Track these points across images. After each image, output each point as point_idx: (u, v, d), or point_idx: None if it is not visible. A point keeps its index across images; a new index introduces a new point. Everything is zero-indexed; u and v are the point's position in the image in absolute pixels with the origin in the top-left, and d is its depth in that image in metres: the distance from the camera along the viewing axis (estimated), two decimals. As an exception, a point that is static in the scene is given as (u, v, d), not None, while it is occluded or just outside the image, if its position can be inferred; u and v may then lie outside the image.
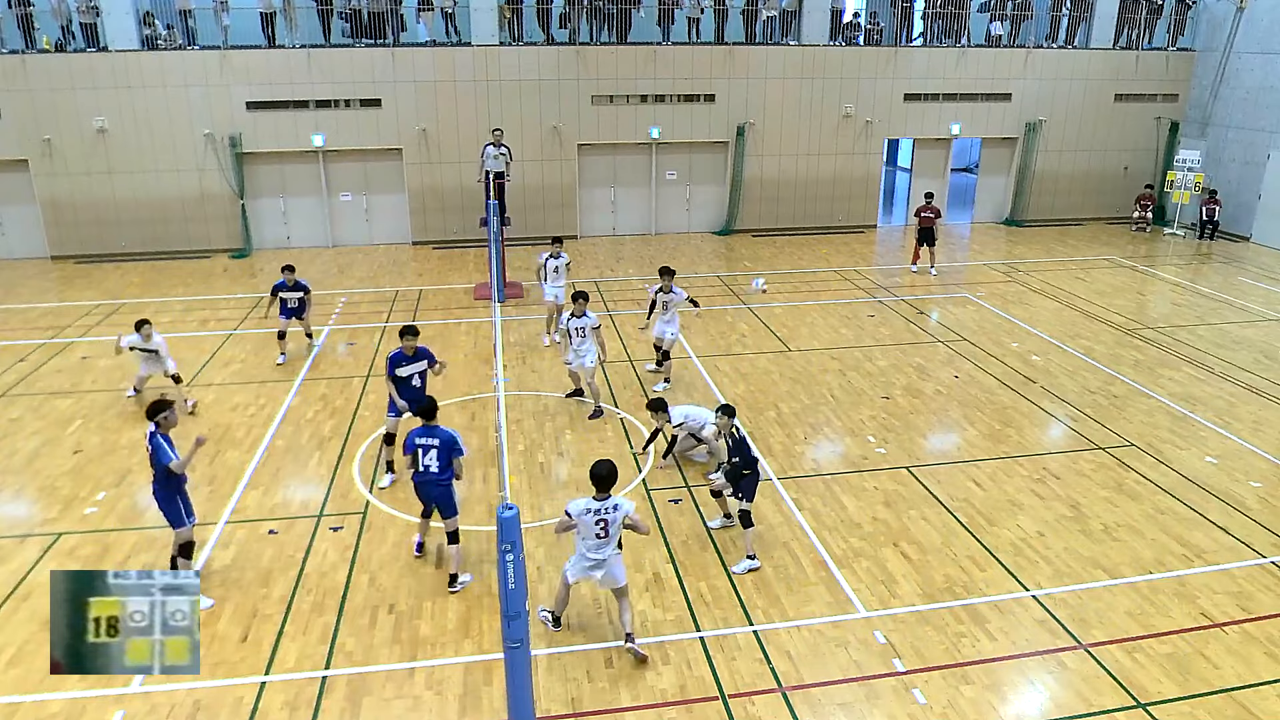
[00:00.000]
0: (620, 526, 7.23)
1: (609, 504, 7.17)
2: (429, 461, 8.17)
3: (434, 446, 8.15)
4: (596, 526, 7.15)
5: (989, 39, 23.71)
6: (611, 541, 7.22)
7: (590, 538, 7.19)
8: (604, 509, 7.15)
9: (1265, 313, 16.88)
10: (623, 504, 7.23)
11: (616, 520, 7.19)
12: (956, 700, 6.96)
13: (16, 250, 20.64)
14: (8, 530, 9.34)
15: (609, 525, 7.17)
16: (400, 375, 9.93)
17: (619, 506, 7.20)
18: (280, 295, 13.91)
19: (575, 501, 7.25)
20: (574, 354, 12.02)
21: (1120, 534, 9.29)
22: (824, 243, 22.43)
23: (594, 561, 7.23)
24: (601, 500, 7.16)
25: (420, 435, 8.22)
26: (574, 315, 11.91)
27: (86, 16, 19.73)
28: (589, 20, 21.53)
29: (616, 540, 7.26)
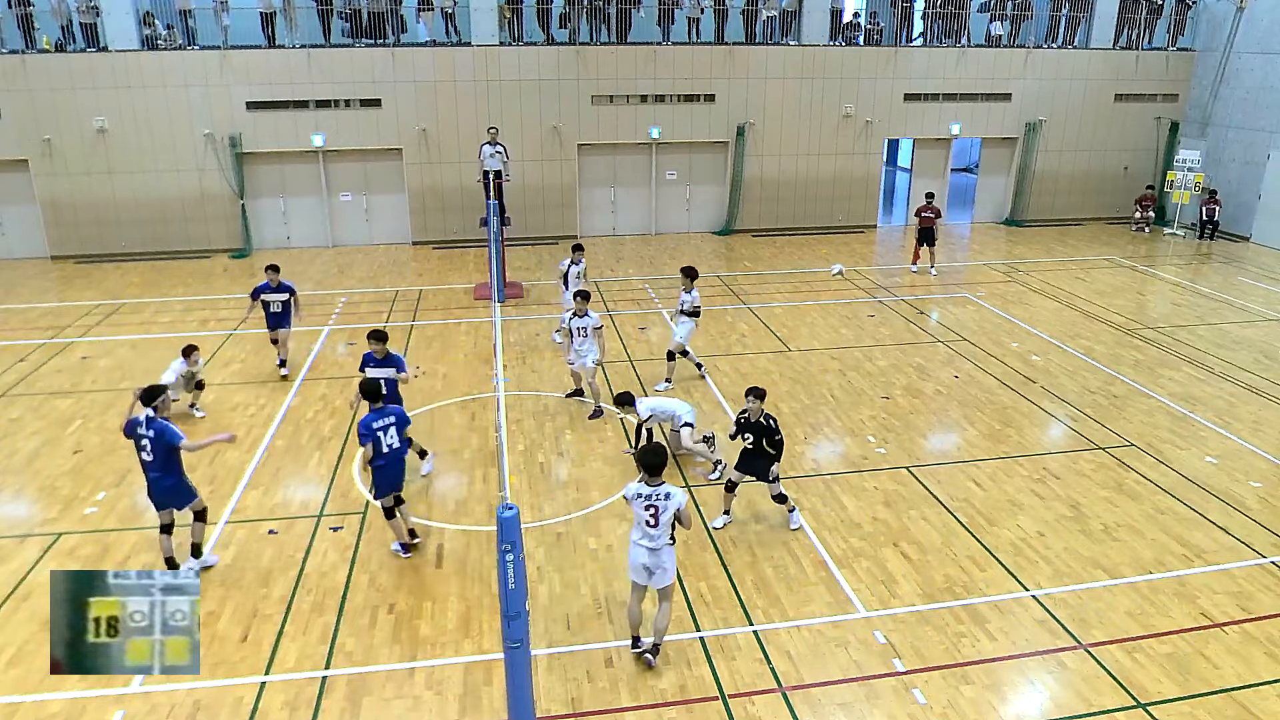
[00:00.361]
0: (671, 517, 7.09)
1: (660, 491, 7.04)
2: (391, 440, 8.43)
3: (391, 425, 8.46)
4: (647, 513, 7.07)
5: (989, 39, 23.71)
6: (662, 532, 7.09)
7: (640, 524, 7.14)
8: (655, 495, 7.04)
9: (1265, 313, 16.88)
10: (675, 494, 7.07)
11: (667, 509, 7.04)
12: (956, 700, 6.96)
13: (16, 250, 20.64)
14: (8, 530, 9.34)
15: (659, 513, 7.04)
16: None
17: (670, 496, 7.05)
18: (263, 299, 12.94)
19: (632, 484, 7.20)
20: (575, 354, 12.04)
21: (1120, 534, 9.29)
22: (824, 243, 22.42)
23: (646, 550, 7.11)
24: (654, 486, 7.05)
25: (375, 419, 8.38)
26: (576, 315, 11.94)
27: (86, 16, 19.74)
28: (589, 20, 21.53)
29: (668, 533, 7.12)
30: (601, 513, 9.66)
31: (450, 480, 10.42)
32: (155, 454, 8.00)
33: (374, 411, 8.45)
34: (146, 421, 7.96)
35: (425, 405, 12.41)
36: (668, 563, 7.13)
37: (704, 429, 10.95)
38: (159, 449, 7.97)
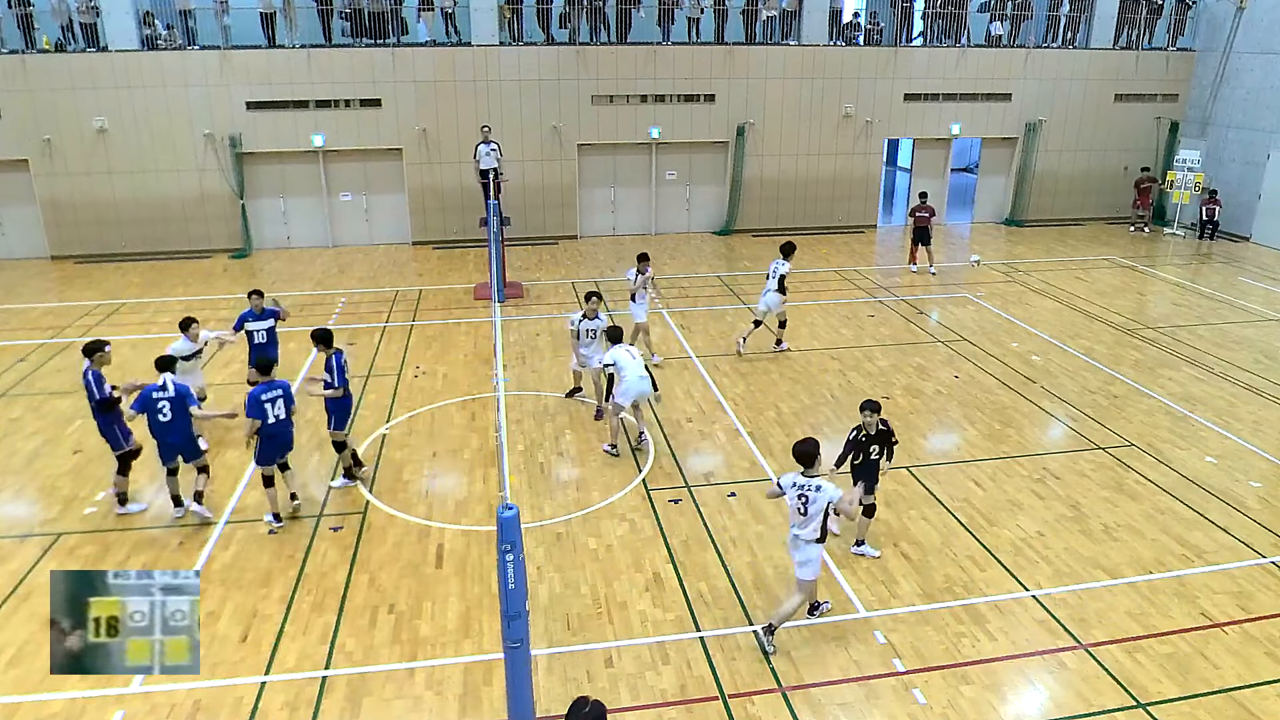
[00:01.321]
0: (821, 510, 7.23)
1: (813, 483, 7.24)
2: (279, 412, 9.10)
3: (279, 397, 9.14)
4: (798, 501, 7.28)
5: (989, 39, 23.71)
6: (810, 521, 7.26)
7: (792, 513, 7.36)
8: (807, 486, 7.24)
9: (1265, 313, 16.88)
10: (826, 488, 7.23)
11: (817, 500, 7.20)
12: (956, 700, 6.96)
13: (16, 250, 20.64)
14: (8, 530, 9.34)
15: (809, 504, 7.22)
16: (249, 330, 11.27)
17: (821, 489, 7.22)
18: (247, 328, 11.47)
19: (786, 474, 7.45)
20: (580, 356, 11.89)
21: (1120, 534, 9.29)
22: (824, 243, 22.42)
23: (794, 537, 7.39)
24: (808, 478, 7.27)
25: (263, 391, 9.05)
26: (585, 317, 11.69)
27: (86, 16, 19.74)
28: (589, 20, 21.53)
29: (817, 524, 7.27)
30: (601, 513, 9.67)
31: (450, 480, 10.42)
32: (172, 414, 8.99)
33: (265, 383, 9.15)
34: (163, 386, 8.99)
35: (425, 405, 12.42)
36: (809, 558, 7.36)
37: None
38: (177, 409, 8.98)
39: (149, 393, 9.03)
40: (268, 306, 11.72)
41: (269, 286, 18.30)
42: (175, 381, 9.12)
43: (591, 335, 11.67)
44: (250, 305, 11.62)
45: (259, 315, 11.53)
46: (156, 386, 9.05)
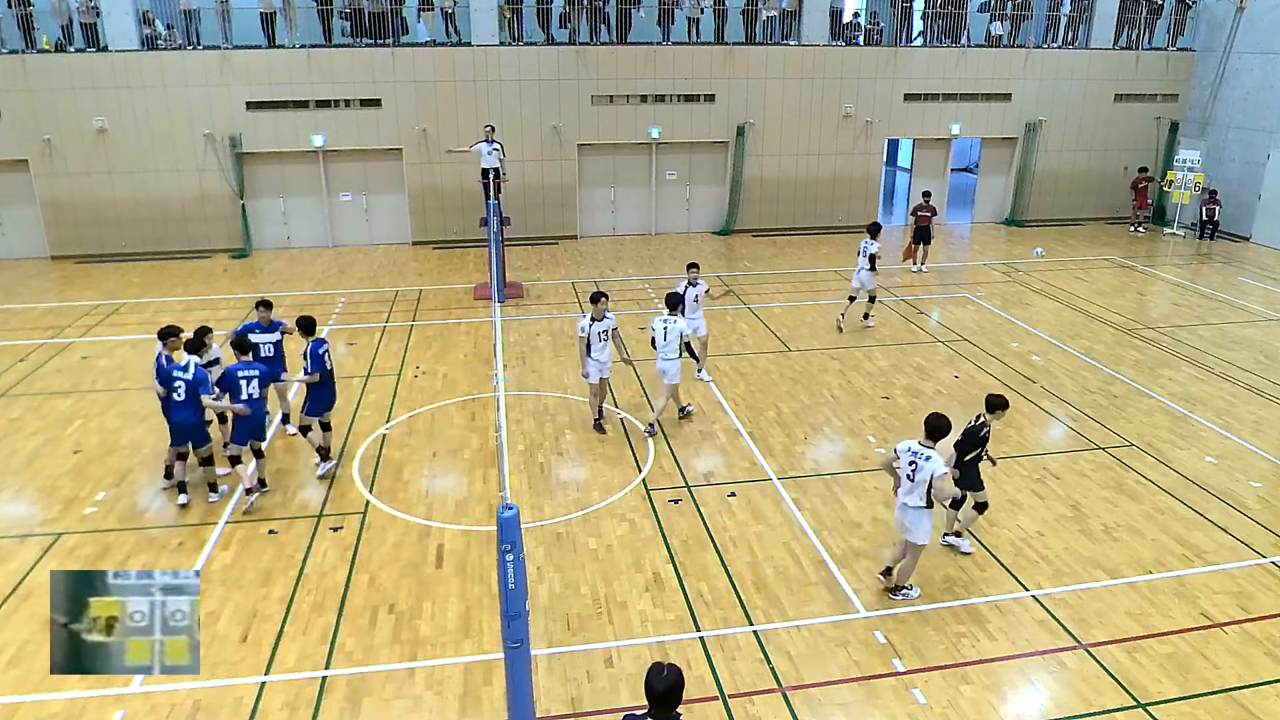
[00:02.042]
0: (926, 479, 7.60)
1: (925, 452, 7.67)
2: (253, 390, 9.45)
3: (254, 376, 9.53)
4: (908, 467, 7.72)
5: (989, 39, 23.71)
6: (916, 488, 7.67)
7: (902, 476, 7.79)
8: (919, 454, 7.67)
9: (1265, 313, 16.88)
10: (935, 459, 7.62)
11: (924, 470, 7.61)
12: (956, 700, 6.96)
13: (16, 250, 20.64)
14: (8, 530, 9.34)
15: (916, 470, 7.64)
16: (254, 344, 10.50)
17: (930, 459, 7.62)
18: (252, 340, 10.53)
19: (904, 441, 7.91)
20: (594, 363, 11.10)
21: (1120, 534, 9.29)
22: (824, 243, 22.42)
23: (902, 505, 7.83)
24: (923, 447, 7.70)
25: (240, 369, 9.48)
26: (594, 319, 10.99)
27: (86, 16, 19.74)
28: (589, 20, 21.53)
29: (922, 490, 7.65)
30: (601, 513, 9.67)
31: (450, 480, 10.42)
32: (187, 395, 9.26)
33: (241, 363, 9.56)
34: (186, 366, 9.35)
35: (425, 405, 12.42)
36: (915, 524, 7.80)
37: None
38: (191, 391, 9.25)
39: (174, 368, 9.41)
40: (275, 319, 11.14)
41: (269, 286, 18.33)
42: (199, 368, 9.43)
43: (603, 338, 11.09)
44: (257, 317, 11.05)
45: (266, 328, 10.94)
46: (179, 365, 9.42)
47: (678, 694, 4.56)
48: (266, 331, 10.92)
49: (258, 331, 10.88)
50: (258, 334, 10.84)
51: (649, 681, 4.57)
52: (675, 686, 4.55)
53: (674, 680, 4.55)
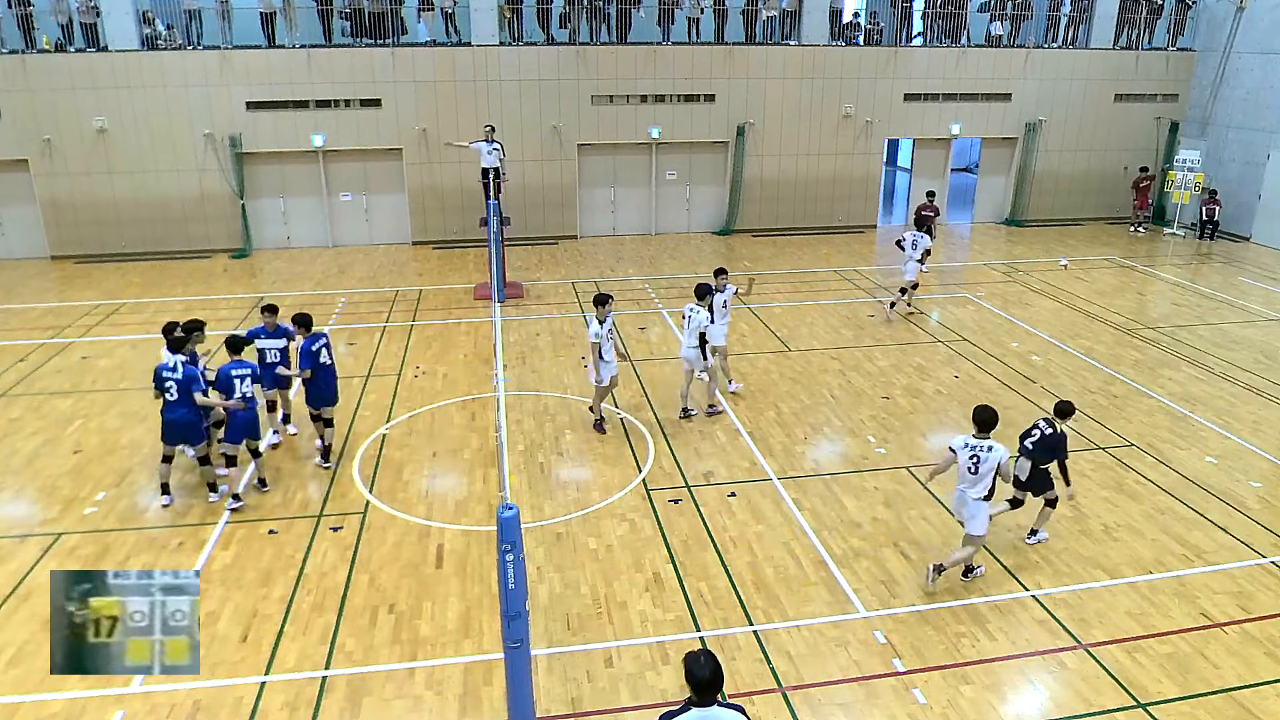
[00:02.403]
0: (991, 470, 7.85)
1: (985, 444, 7.91)
2: (246, 389, 9.47)
3: (246, 375, 9.52)
4: (969, 461, 7.94)
5: (989, 39, 23.71)
6: (980, 480, 7.92)
7: (963, 471, 7.98)
8: (980, 447, 7.92)
9: (1265, 313, 16.88)
10: (998, 449, 7.88)
11: (988, 461, 7.85)
12: (956, 700, 6.96)
13: (16, 250, 20.64)
14: (8, 530, 9.34)
15: (979, 463, 7.88)
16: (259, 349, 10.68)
17: (993, 450, 7.88)
18: (258, 345, 10.65)
19: (958, 437, 8.16)
20: (605, 365, 11.08)
21: (1120, 534, 9.29)
22: (824, 243, 22.42)
23: (959, 493, 8.08)
24: (979, 439, 7.93)
25: (233, 368, 9.48)
26: (601, 321, 10.91)
27: (86, 16, 19.74)
28: (589, 20, 21.53)
29: (986, 482, 7.91)
30: (601, 513, 9.67)
31: (450, 480, 10.42)
32: (180, 394, 9.34)
33: (237, 361, 9.59)
34: (174, 366, 9.38)
35: (425, 405, 12.42)
36: (976, 513, 8.02)
37: None
38: (183, 389, 9.34)
39: (162, 369, 9.42)
40: (281, 323, 10.82)
41: (269, 286, 18.33)
42: (186, 365, 9.48)
43: (610, 338, 11.11)
44: (263, 322, 10.73)
45: (272, 333, 10.70)
46: (167, 365, 9.45)
47: (721, 678, 4.57)
48: (272, 337, 10.72)
49: (263, 337, 10.70)
50: (263, 339, 10.69)
51: (690, 670, 4.54)
52: (719, 671, 4.55)
53: (716, 665, 4.56)
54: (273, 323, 10.73)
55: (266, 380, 10.72)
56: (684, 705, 4.56)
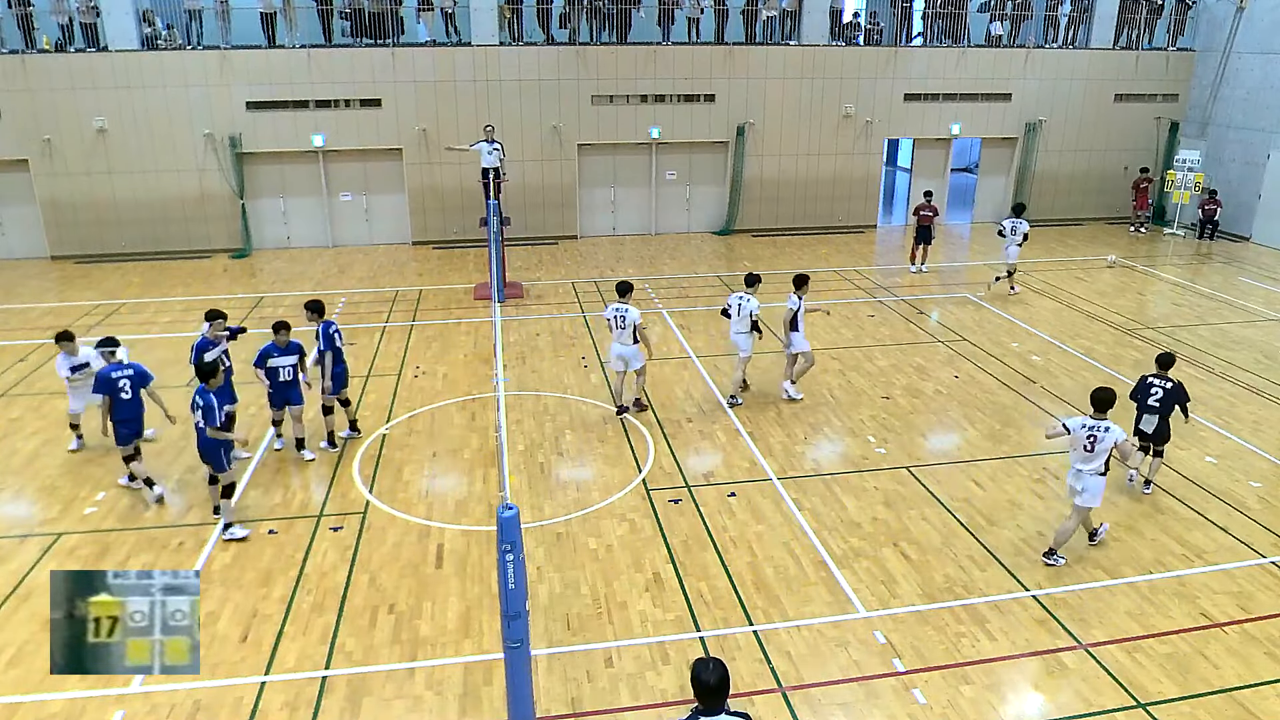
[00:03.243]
0: (1108, 449, 8.27)
1: (1102, 424, 8.32)
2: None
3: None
4: (1086, 440, 8.36)
5: (989, 39, 23.71)
6: (1096, 458, 8.34)
7: (1078, 449, 8.41)
8: (1097, 427, 8.33)
9: (1265, 313, 16.88)
10: (1114, 430, 8.29)
11: (1104, 440, 8.27)
12: (956, 700, 6.96)
13: (16, 250, 20.64)
14: (8, 530, 9.34)
15: (1096, 442, 8.30)
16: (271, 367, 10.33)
17: (1110, 430, 8.28)
18: (270, 364, 10.26)
19: (1074, 418, 8.64)
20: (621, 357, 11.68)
21: (1120, 534, 9.29)
22: (824, 243, 22.42)
23: (1075, 472, 8.49)
24: (1097, 420, 8.34)
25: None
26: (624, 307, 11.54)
27: (86, 16, 19.74)
28: (589, 20, 21.53)
29: (1102, 460, 8.33)
30: (601, 512, 9.67)
31: (450, 480, 10.42)
32: (133, 392, 9.60)
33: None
34: (122, 365, 9.65)
35: (425, 405, 12.42)
36: (1091, 488, 8.43)
37: None
38: (136, 386, 9.62)
39: (110, 370, 9.59)
40: (293, 340, 10.52)
41: (269, 287, 18.34)
42: (133, 364, 9.80)
43: (620, 324, 11.52)
44: (273, 341, 10.30)
45: (283, 350, 10.28)
46: (115, 366, 9.68)
47: (728, 685, 4.57)
48: (284, 354, 10.29)
49: (276, 355, 10.25)
50: (276, 357, 10.24)
51: (698, 675, 4.55)
52: (726, 678, 4.56)
53: (723, 672, 4.56)
54: (285, 340, 10.29)
55: (276, 399, 10.45)
56: (691, 715, 4.56)
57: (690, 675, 4.60)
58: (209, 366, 8.99)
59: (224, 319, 10.77)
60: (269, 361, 10.22)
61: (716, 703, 4.54)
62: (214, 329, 10.60)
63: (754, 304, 12.14)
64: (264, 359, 10.25)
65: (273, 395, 10.49)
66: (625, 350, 11.65)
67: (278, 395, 10.45)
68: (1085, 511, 8.63)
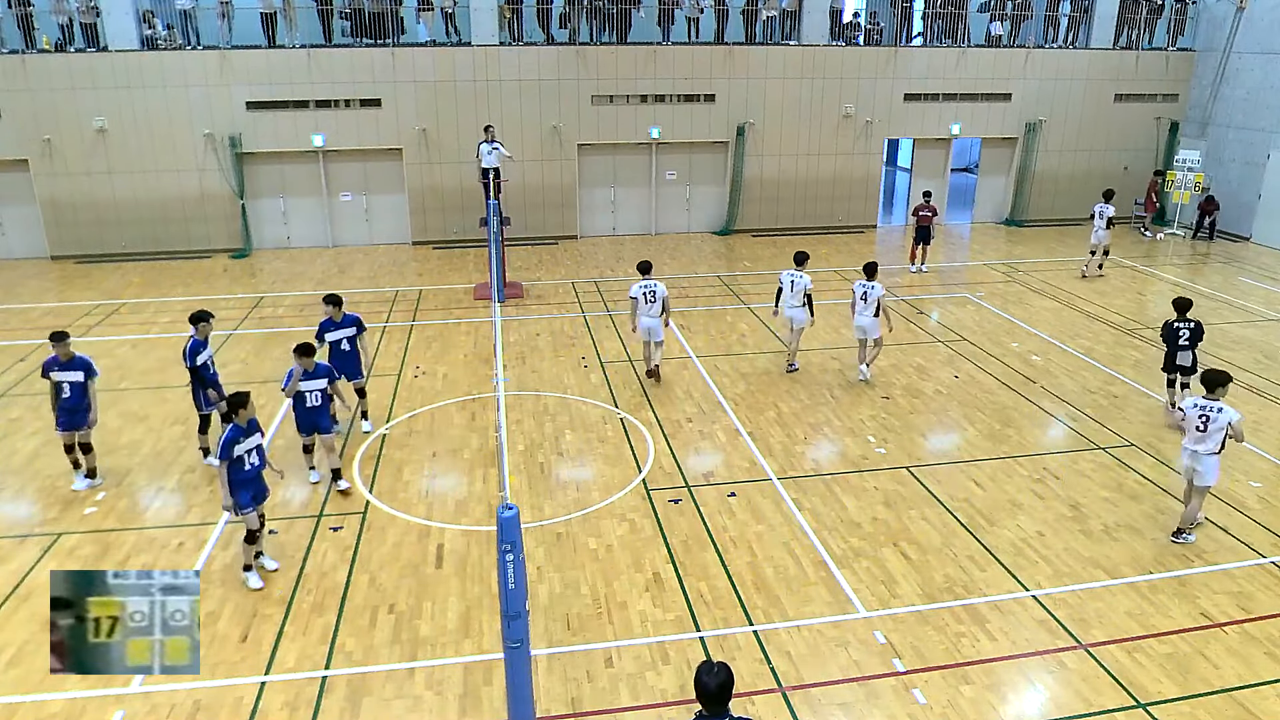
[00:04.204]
0: (1222, 428, 8.51)
1: (1215, 405, 8.58)
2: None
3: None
4: (1199, 420, 8.61)
5: (989, 39, 23.71)
6: (1209, 438, 8.59)
7: (1192, 430, 8.68)
8: (1209, 407, 8.59)
9: (1265, 313, 16.88)
10: (1228, 410, 8.53)
11: (1218, 420, 8.52)
12: (956, 700, 6.96)
13: (16, 250, 20.64)
14: (8, 530, 9.34)
15: (1209, 422, 8.55)
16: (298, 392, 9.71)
17: (1223, 410, 8.54)
18: (326, 338, 10.67)
19: (1189, 398, 8.94)
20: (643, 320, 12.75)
21: (1120, 534, 9.29)
22: (824, 243, 22.41)
23: (1190, 452, 8.75)
24: (1209, 400, 8.62)
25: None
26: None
27: (86, 16, 19.74)
28: (589, 20, 21.53)
29: (1216, 439, 8.56)
30: (601, 512, 9.67)
31: (450, 480, 10.42)
32: (74, 390, 9.75)
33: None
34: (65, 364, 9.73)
35: (425, 405, 12.42)
36: (1206, 467, 8.69)
37: None
38: (77, 385, 9.75)
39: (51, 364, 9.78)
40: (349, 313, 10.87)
41: (269, 286, 18.35)
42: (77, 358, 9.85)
43: (650, 299, 12.60)
44: (297, 363, 9.58)
45: (310, 374, 9.62)
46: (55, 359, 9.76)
47: (730, 690, 4.56)
48: (311, 378, 9.62)
49: (302, 379, 9.58)
50: (304, 381, 9.58)
51: (701, 679, 4.55)
52: (727, 683, 4.55)
53: (725, 677, 4.55)
54: (310, 363, 9.62)
55: (304, 425, 9.82)
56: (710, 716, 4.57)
57: (694, 678, 4.60)
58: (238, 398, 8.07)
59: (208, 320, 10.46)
60: (299, 386, 9.52)
61: (719, 708, 4.54)
62: (201, 331, 10.35)
63: (806, 280, 13.10)
64: (323, 333, 10.90)
65: (300, 421, 9.77)
66: (654, 323, 12.71)
67: (305, 421, 9.74)
68: (1204, 491, 8.91)
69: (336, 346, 10.99)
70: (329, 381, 9.78)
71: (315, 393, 9.66)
